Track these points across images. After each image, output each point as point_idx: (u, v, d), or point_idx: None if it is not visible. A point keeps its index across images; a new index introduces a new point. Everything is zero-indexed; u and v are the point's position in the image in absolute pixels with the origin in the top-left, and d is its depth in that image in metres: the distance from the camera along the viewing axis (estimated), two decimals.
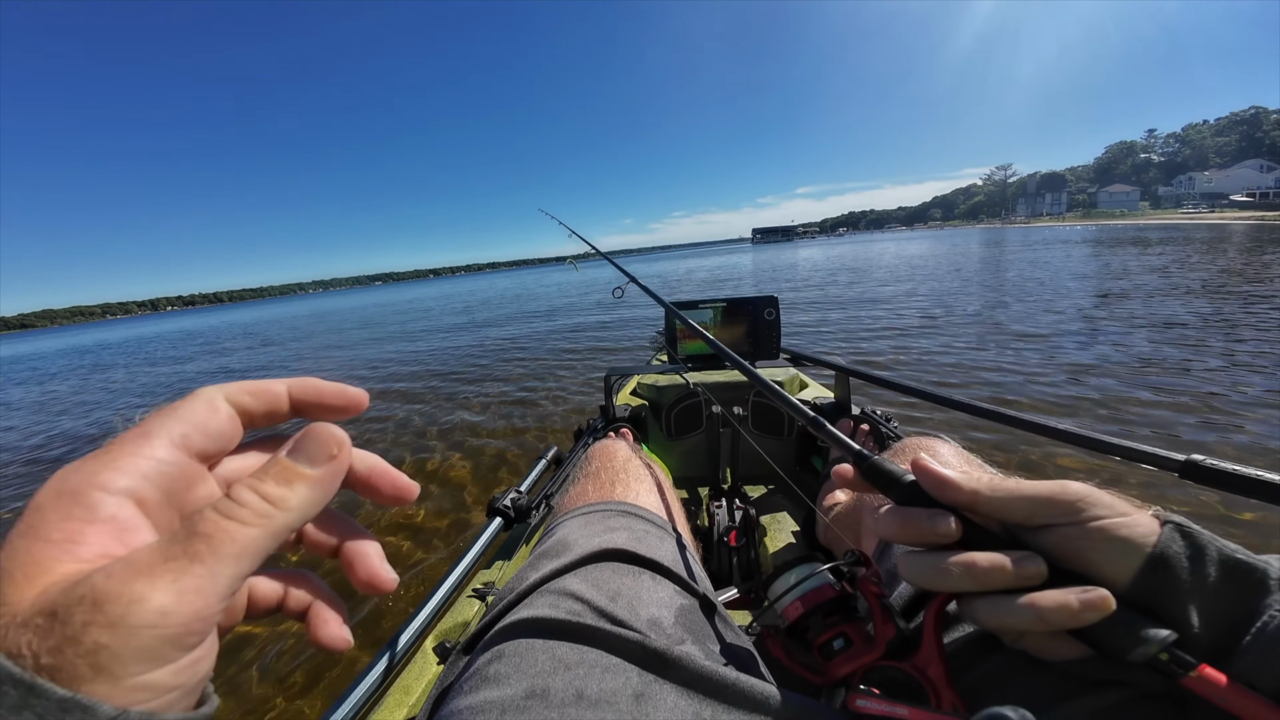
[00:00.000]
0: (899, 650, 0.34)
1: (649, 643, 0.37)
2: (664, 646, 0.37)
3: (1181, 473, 0.46)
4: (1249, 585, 0.26)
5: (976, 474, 0.32)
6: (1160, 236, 19.11)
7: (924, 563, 0.31)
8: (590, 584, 0.45)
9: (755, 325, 1.36)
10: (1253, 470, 0.41)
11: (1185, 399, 2.98)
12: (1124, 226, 33.93)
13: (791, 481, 0.81)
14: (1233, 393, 3.00)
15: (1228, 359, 3.64)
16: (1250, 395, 2.96)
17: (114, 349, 18.25)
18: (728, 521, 1.07)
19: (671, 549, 0.55)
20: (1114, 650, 0.27)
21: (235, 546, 0.17)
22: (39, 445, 4.84)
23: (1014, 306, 6.44)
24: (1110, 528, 0.28)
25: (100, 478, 0.17)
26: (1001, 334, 5.02)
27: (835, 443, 0.41)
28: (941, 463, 0.37)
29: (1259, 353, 3.71)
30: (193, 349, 13.96)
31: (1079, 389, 3.31)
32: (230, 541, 0.17)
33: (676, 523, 0.66)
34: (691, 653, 0.38)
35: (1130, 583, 0.28)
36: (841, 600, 0.39)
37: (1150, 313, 5.39)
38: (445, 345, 8.00)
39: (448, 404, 4.33)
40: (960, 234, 50.34)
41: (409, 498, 0.24)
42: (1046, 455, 2.38)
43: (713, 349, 0.77)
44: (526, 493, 0.93)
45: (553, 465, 1.12)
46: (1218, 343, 4.07)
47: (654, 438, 1.48)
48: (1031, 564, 0.28)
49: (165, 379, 8.50)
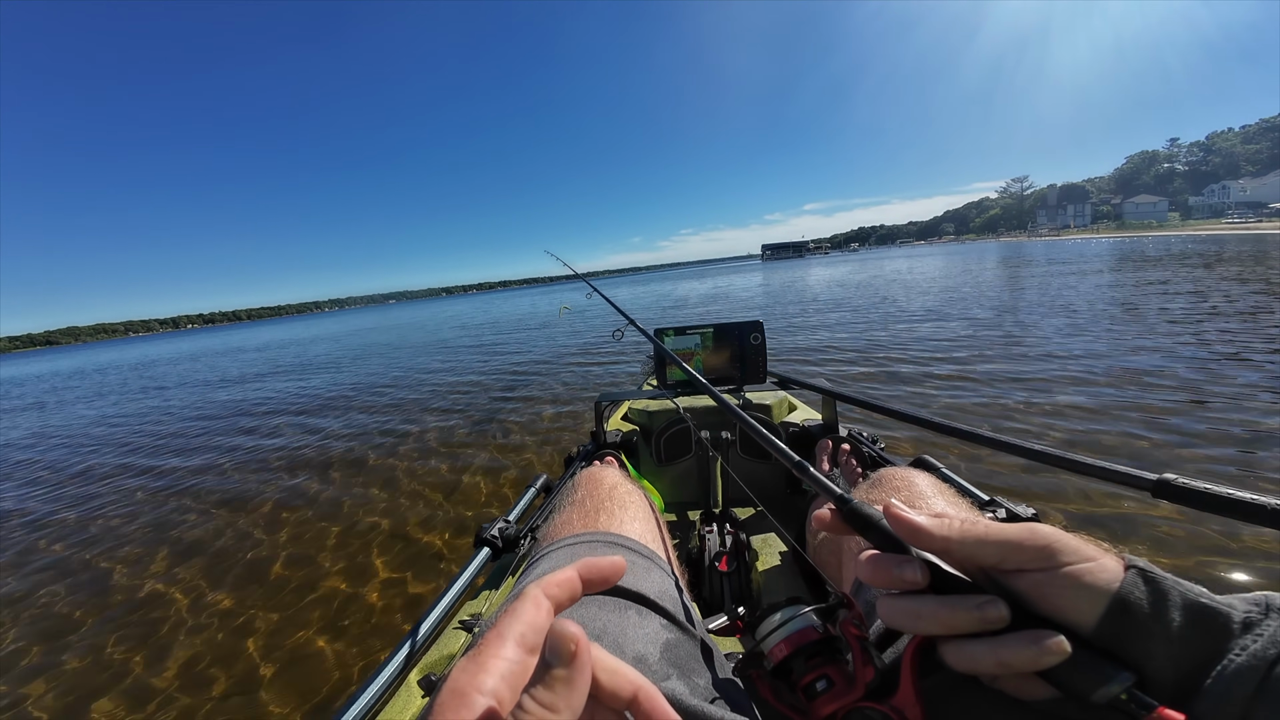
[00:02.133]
0: (879, 691, 0.36)
1: None
2: None
3: (1154, 491, 0.48)
4: (1213, 629, 0.27)
5: (948, 521, 0.33)
6: (1235, 252, 16.23)
7: (897, 606, 0.32)
8: (574, 620, 0.43)
9: (743, 349, 1.38)
10: (1224, 489, 0.42)
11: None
12: (1175, 239, 30.47)
13: (772, 516, 0.86)
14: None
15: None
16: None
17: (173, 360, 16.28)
18: (719, 546, 1.06)
19: (658, 580, 0.56)
20: (1077, 692, 0.28)
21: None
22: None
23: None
24: (1075, 574, 0.29)
25: (476, 680, 0.22)
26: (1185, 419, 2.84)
27: (817, 486, 0.43)
28: (917, 494, 0.56)
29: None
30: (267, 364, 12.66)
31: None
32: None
33: (663, 551, 0.67)
34: (677, 690, 0.40)
35: (1095, 626, 0.28)
36: (825, 642, 0.40)
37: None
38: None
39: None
40: (984, 248, 47.10)
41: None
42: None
43: (699, 386, 0.87)
44: (514, 522, 0.94)
45: (542, 493, 1.15)
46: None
47: (645, 463, 1.49)
48: (993, 609, 0.29)
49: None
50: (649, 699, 0.26)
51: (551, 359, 7.55)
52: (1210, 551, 1.80)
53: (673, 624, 0.50)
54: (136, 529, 3.11)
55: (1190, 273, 10.33)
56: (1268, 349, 4.16)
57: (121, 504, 3.61)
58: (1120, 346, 4.73)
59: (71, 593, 2.44)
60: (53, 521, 3.43)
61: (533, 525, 0.95)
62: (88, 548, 2.92)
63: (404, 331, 18.95)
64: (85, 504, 3.71)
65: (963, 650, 0.30)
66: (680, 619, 0.51)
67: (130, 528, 3.13)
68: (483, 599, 0.78)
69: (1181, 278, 9.56)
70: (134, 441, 5.56)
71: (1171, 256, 15.52)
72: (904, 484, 0.68)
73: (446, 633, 0.69)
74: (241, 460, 4.28)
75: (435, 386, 6.45)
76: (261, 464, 4.08)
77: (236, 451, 4.56)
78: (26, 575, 2.67)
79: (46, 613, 2.29)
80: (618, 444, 1.36)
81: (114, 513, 3.43)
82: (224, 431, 5.45)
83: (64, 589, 2.47)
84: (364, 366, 9.53)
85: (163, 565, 2.59)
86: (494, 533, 0.88)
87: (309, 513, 2.98)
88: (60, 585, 2.51)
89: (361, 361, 10.48)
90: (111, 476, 4.33)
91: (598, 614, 0.47)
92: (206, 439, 5.21)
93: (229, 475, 3.91)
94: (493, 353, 9.11)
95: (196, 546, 2.74)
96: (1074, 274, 12.18)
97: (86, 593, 2.42)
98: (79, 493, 3.97)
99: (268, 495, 3.35)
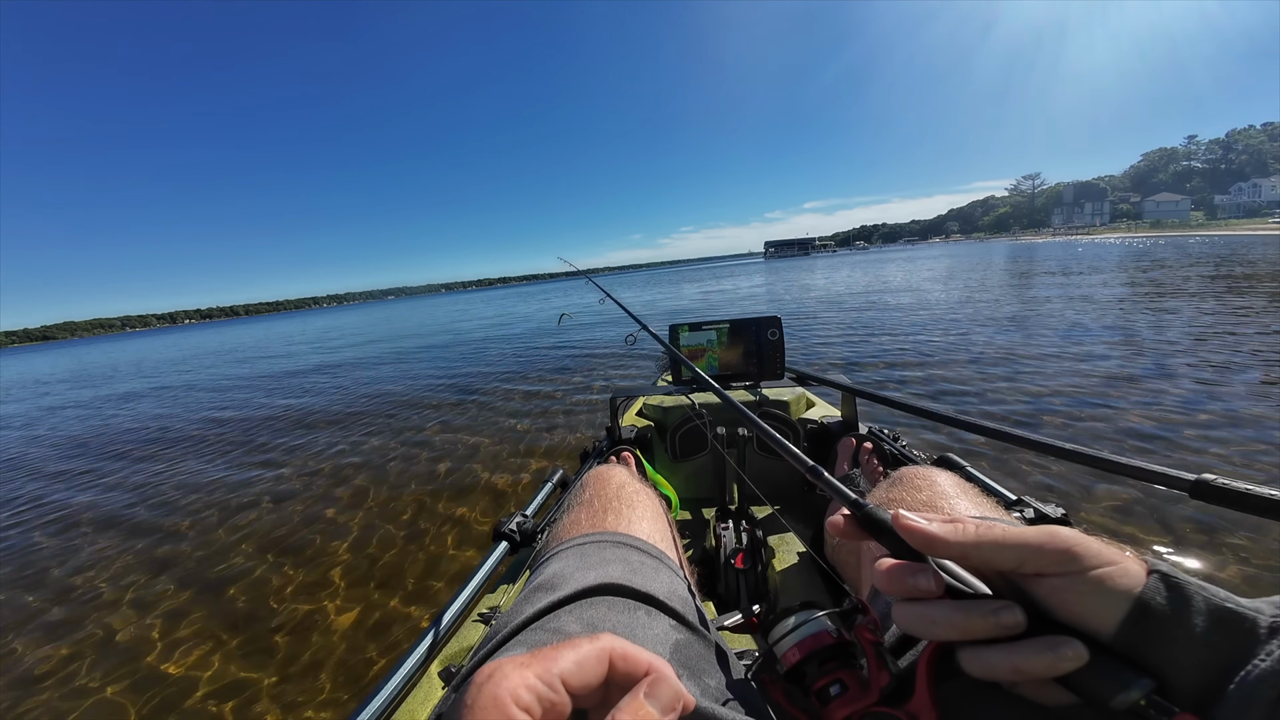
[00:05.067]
0: (894, 696, 0.35)
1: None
2: None
3: (1192, 493, 0.46)
4: (1238, 634, 0.27)
5: (962, 526, 0.32)
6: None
7: (912, 613, 0.32)
8: (583, 623, 0.45)
9: (760, 345, 1.35)
10: (1264, 489, 0.41)
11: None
12: (1219, 239, 26.29)
13: (791, 513, 0.99)
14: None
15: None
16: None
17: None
18: (734, 544, 1.05)
19: (668, 580, 0.55)
20: (1097, 698, 0.27)
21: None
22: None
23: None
24: (1096, 579, 0.28)
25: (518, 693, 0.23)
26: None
27: (831, 491, 0.42)
28: (939, 493, 0.56)
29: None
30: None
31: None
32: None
33: (673, 551, 0.66)
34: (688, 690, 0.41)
35: (1115, 631, 0.28)
36: (839, 647, 0.39)
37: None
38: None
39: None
40: (1004, 247, 42.60)
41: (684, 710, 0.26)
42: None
43: (707, 386, 0.87)
44: (532, 516, 0.94)
45: (559, 488, 1.13)
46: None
47: (660, 459, 1.47)
48: (1009, 614, 0.29)
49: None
50: (658, 671, 0.26)
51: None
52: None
53: (682, 625, 0.49)
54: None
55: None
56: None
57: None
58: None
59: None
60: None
61: (551, 518, 0.95)
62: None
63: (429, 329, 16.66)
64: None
65: (979, 657, 0.30)
66: (691, 620, 0.50)
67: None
68: (500, 592, 0.78)
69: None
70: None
71: (1264, 262, 11.62)
72: (925, 483, 0.65)
73: (466, 625, 0.70)
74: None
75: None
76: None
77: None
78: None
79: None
80: (633, 440, 1.34)
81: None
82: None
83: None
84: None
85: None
86: (511, 527, 0.88)
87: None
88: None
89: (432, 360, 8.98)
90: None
91: (607, 614, 0.47)
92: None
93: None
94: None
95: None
96: (1190, 277, 8.47)
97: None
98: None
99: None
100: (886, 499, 0.66)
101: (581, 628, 0.43)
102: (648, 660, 0.26)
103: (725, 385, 1.35)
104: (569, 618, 0.45)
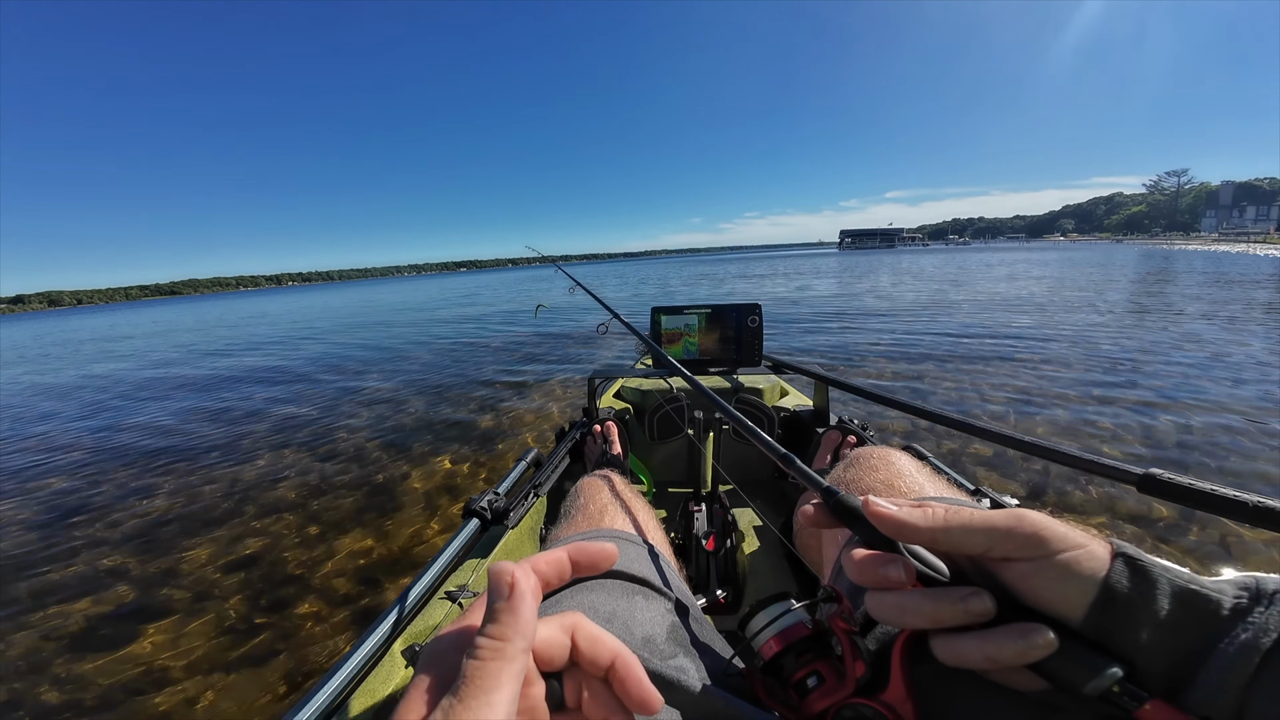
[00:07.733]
0: (870, 686, 0.35)
1: (647, 664, 0.37)
2: (658, 668, 0.38)
3: (1140, 486, 0.47)
4: (1203, 616, 0.26)
5: (930, 511, 0.32)
6: None
7: (884, 602, 0.32)
8: (586, 606, 0.47)
9: (739, 332, 1.39)
10: (1208, 485, 0.41)
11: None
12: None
13: (762, 499, 1.02)
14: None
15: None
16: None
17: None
18: (706, 527, 1.07)
19: (661, 569, 0.59)
20: (1068, 684, 0.27)
21: (489, 680, 0.22)
22: None
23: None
24: (1062, 564, 0.28)
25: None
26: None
27: (802, 478, 0.44)
28: (896, 473, 0.60)
29: None
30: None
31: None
32: (484, 677, 0.22)
33: (664, 545, 0.71)
34: (685, 668, 0.41)
35: (1083, 616, 0.28)
36: (815, 638, 0.40)
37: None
38: None
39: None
40: (1159, 252, 33.82)
41: (649, 710, 0.26)
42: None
43: (678, 373, 0.91)
44: (504, 495, 0.94)
45: (532, 467, 1.14)
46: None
47: (637, 441, 1.51)
48: (977, 601, 0.29)
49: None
50: (625, 666, 0.26)
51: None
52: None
53: (675, 608, 0.52)
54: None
55: None
56: None
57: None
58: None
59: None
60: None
61: (524, 493, 0.97)
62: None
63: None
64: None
65: (951, 644, 0.30)
66: (683, 603, 0.54)
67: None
68: (468, 569, 0.78)
69: None
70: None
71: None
72: (882, 463, 0.67)
73: (432, 603, 0.70)
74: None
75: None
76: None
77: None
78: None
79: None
80: (610, 418, 1.37)
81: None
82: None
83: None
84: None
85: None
86: (483, 505, 0.88)
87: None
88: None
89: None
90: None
91: (606, 599, 0.49)
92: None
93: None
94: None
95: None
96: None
97: None
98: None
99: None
100: (843, 479, 0.68)
101: (586, 611, 0.42)
102: (614, 649, 0.26)
103: (702, 370, 1.44)
104: (570, 602, 0.47)
